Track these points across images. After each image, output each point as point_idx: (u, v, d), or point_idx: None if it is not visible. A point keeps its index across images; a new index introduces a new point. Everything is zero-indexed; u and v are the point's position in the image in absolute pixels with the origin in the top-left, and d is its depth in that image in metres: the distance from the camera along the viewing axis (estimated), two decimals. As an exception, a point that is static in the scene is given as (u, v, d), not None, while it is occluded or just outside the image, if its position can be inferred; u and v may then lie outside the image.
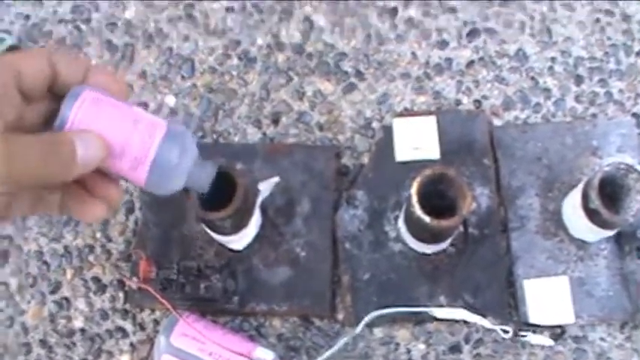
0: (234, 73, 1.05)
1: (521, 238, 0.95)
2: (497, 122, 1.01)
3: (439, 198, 0.86)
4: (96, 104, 0.57)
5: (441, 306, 0.91)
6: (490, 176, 0.97)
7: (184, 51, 1.07)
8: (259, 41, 1.07)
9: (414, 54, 1.05)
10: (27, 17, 1.10)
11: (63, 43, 1.08)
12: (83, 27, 1.09)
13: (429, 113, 1.00)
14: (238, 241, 0.92)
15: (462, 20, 1.07)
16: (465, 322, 0.91)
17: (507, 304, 0.93)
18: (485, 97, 1.03)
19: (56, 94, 0.58)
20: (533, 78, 1.04)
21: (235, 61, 1.06)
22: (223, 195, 0.83)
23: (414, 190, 0.84)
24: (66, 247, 0.98)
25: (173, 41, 1.07)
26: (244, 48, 1.07)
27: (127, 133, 0.57)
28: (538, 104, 1.02)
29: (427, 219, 0.83)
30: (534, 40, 1.06)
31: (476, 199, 0.95)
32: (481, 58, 1.05)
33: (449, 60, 1.05)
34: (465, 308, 0.90)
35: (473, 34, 1.06)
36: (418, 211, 0.84)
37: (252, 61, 1.06)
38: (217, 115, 1.03)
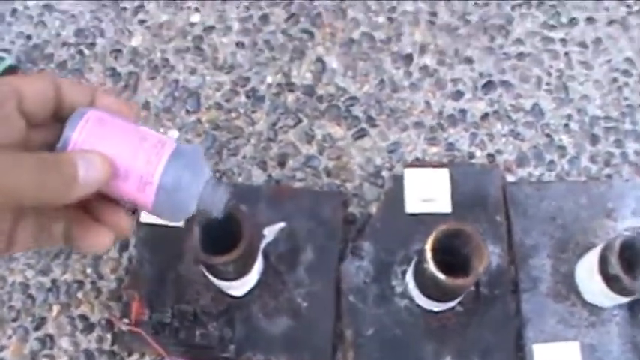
0: (242, 110, 1.00)
1: (532, 299, 0.91)
2: (510, 178, 0.97)
3: (451, 254, 0.81)
4: (100, 124, 0.52)
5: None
6: (502, 234, 0.93)
7: (190, 84, 1.02)
8: (269, 79, 1.03)
9: (427, 103, 1.01)
10: (28, 37, 1.06)
11: (64, 66, 1.04)
12: (87, 52, 1.04)
13: (442, 165, 0.96)
14: (239, 287, 0.87)
15: (478, 72, 1.03)
16: (472, 386, 0.86)
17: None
18: (499, 152, 0.99)
19: (62, 119, 0.54)
20: (548, 135, 1.00)
21: (243, 98, 1.01)
22: (226, 237, 0.78)
23: (428, 245, 0.80)
24: (54, 281, 0.92)
25: (179, 73, 1.03)
26: (253, 85, 1.02)
27: (132, 152, 0.53)
28: (552, 162, 0.98)
29: (442, 277, 0.79)
30: (551, 96, 1.02)
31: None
32: (496, 111, 1.01)
33: (463, 111, 1.01)
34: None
35: (488, 86, 1.02)
36: (432, 268, 0.79)
37: (260, 99, 1.01)
38: (221, 154, 0.98)
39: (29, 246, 0.56)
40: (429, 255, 0.79)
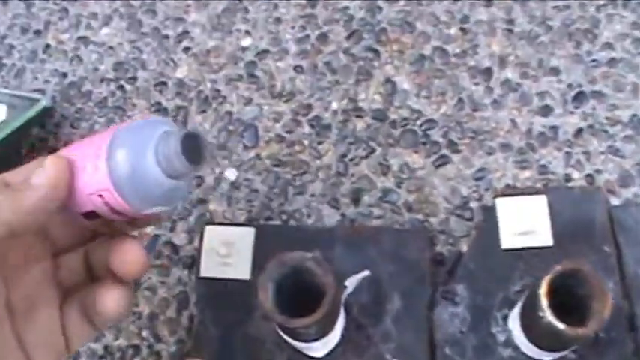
0: (306, 142, 0.88)
1: (653, 340, 0.78)
2: (613, 201, 0.84)
3: (562, 294, 0.68)
4: None
5: None
6: (612, 265, 0.80)
7: (246, 116, 0.90)
8: (334, 105, 0.90)
9: (513, 122, 0.88)
10: (64, 75, 0.95)
11: (104, 104, 0.92)
12: (128, 86, 0.93)
13: (537, 192, 0.83)
14: (320, 347, 0.74)
15: (566, 83, 0.90)
16: None
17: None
18: (598, 172, 0.86)
19: None
20: (652, 149, 0.87)
21: (306, 128, 0.89)
22: (301, 291, 0.66)
23: (543, 290, 0.67)
24: (106, 348, 0.81)
25: (233, 105, 0.91)
26: (317, 113, 0.90)
27: (86, 147, 0.51)
28: (660, 180, 0.86)
29: (561, 327, 0.66)
30: (650, 105, 0.89)
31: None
32: (590, 126, 0.88)
33: (554, 128, 0.88)
34: None
35: (579, 98, 0.89)
36: (549, 317, 0.66)
37: (326, 128, 0.89)
38: (287, 193, 0.86)
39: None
40: (544, 302, 0.67)
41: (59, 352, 0.55)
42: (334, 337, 0.74)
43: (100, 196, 0.49)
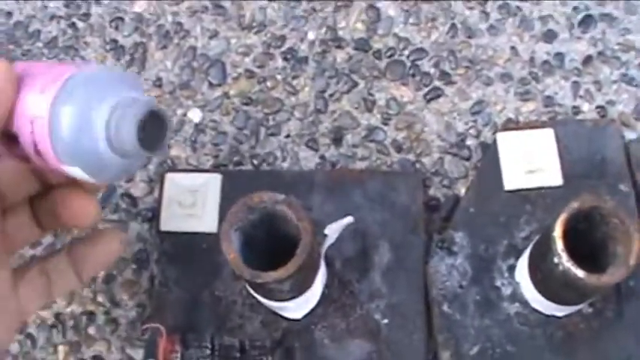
0: (279, 77, 0.75)
1: (680, 289, 0.65)
2: (629, 134, 0.71)
3: (577, 239, 0.56)
4: None
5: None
6: (631, 207, 0.67)
7: (212, 51, 0.76)
8: (310, 36, 0.76)
9: (514, 49, 0.75)
10: (8, 15, 0.80)
11: (55, 44, 0.78)
12: (80, 24, 0.79)
13: (543, 125, 0.70)
14: (297, 308, 0.62)
15: (572, 5, 0.76)
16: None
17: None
18: (611, 103, 0.73)
19: None
20: (670, 76, 0.74)
21: (280, 62, 0.75)
22: (275, 242, 0.54)
23: (557, 232, 0.54)
24: (57, 316, 0.68)
25: (197, 39, 0.77)
26: (291, 45, 0.76)
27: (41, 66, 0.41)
28: (681, 110, 0.72)
29: (581, 274, 0.53)
30: (667, 28, 0.76)
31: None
32: (601, 53, 0.75)
33: (559, 56, 0.74)
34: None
35: (587, 22, 0.76)
36: (566, 263, 0.53)
37: (302, 61, 0.75)
38: (258, 134, 0.72)
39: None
40: (559, 246, 0.54)
41: (12, 317, 0.46)
42: (314, 295, 0.62)
43: (32, 122, 0.39)
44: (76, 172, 0.40)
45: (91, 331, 0.67)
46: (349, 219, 0.61)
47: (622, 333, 0.63)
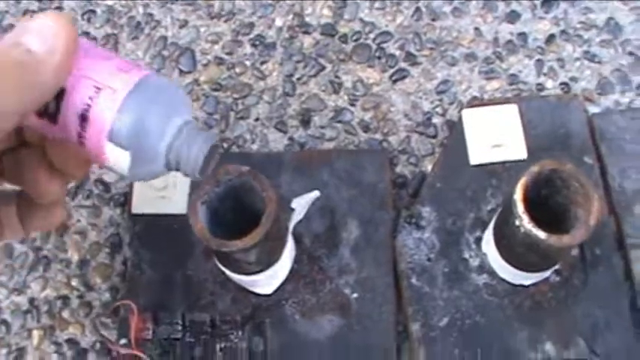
0: (248, 63, 0.74)
1: (645, 258, 0.65)
2: (592, 109, 0.71)
3: (539, 206, 0.55)
4: None
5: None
6: (595, 179, 0.67)
7: (182, 40, 0.76)
8: (278, 22, 0.76)
9: (478, 30, 0.75)
10: (-19, 11, 0.80)
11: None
12: (52, 18, 0.79)
13: (508, 101, 0.70)
14: (266, 283, 0.61)
15: (534, -14, 0.77)
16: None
17: (637, 349, 0.62)
18: (574, 79, 0.73)
19: None
20: (631, 53, 0.74)
21: (248, 48, 0.75)
22: (243, 218, 0.53)
23: (518, 195, 0.54)
24: (31, 301, 0.67)
25: (167, 29, 0.77)
26: (259, 32, 0.76)
27: (101, 57, 0.39)
28: (643, 85, 0.73)
29: (542, 235, 0.53)
30: (627, 7, 0.76)
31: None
32: (563, 31, 0.75)
33: (523, 35, 0.74)
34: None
35: (549, 2, 0.76)
36: (527, 225, 0.53)
37: (270, 47, 0.75)
38: (228, 119, 0.72)
39: None
40: (520, 208, 0.54)
41: None
42: (282, 269, 0.61)
43: (98, 89, 0.38)
44: (119, 156, 0.39)
45: (65, 314, 0.66)
46: (316, 193, 0.61)
47: (588, 300, 0.63)
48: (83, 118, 0.38)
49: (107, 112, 0.37)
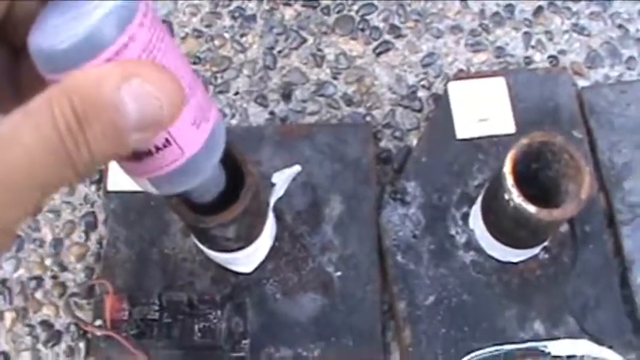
0: (227, 35, 0.71)
1: (634, 234, 0.62)
2: (581, 82, 0.69)
3: (528, 180, 0.53)
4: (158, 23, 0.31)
5: (557, 338, 0.57)
6: (584, 153, 0.64)
7: (158, 12, 0.73)
8: (258, -6, 0.73)
9: (464, 1, 0.72)
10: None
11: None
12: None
13: (495, 74, 0.67)
14: (246, 261, 0.58)
15: (520, -43, 0.74)
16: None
17: (628, 326, 0.60)
18: (562, 52, 0.70)
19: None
20: (621, 26, 0.71)
21: (227, 20, 0.72)
22: (221, 195, 0.50)
23: (507, 168, 0.52)
24: (4, 282, 0.64)
25: (143, 1, 0.74)
26: (239, 4, 0.73)
27: (191, 73, 0.35)
28: (632, 58, 0.70)
29: (532, 209, 0.51)
30: (616, -21, 0.74)
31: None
32: (551, 3, 0.72)
33: (510, 7, 0.72)
34: (589, 338, 0.57)
35: (537, -26, 0.73)
36: (517, 199, 0.51)
37: (250, 19, 0.72)
38: (207, 92, 0.69)
39: None
40: (510, 181, 0.51)
41: None
42: (263, 248, 0.59)
43: (167, 142, 0.34)
44: (151, 189, 0.38)
45: (39, 295, 0.63)
46: (297, 167, 0.58)
47: (578, 278, 0.60)
48: (140, 155, 0.35)
49: (165, 168, 0.35)
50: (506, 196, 0.51)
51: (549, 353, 0.57)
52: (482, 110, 0.65)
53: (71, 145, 0.26)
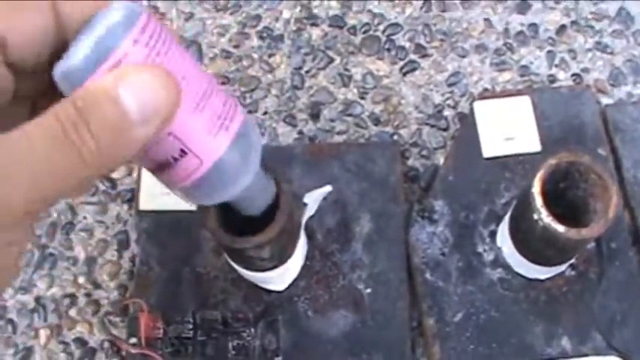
0: (255, 56, 0.73)
1: (660, 251, 0.64)
2: (605, 100, 0.70)
3: (557, 203, 0.54)
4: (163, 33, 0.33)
5: (584, 355, 0.59)
6: (609, 171, 0.66)
7: (188, 32, 0.75)
8: (285, 14, 0.75)
9: (488, 21, 0.74)
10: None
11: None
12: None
13: (520, 93, 0.68)
14: (279, 280, 0.60)
15: (544, -23, 0.76)
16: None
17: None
18: (585, 71, 0.72)
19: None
20: (643, 44, 0.73)
21: (256, 41, 0.74)
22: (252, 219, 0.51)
23: (536, 188, 0.53)
24: (38, 299, 0.66)
25: (172, 21, 0.76)
26: (266, 24, 0.75)
27: (206, 79, 0.36)
28: (655, 76, 0.71)
29: (561, 229, 0.52)
30: (638, -4, 0.75)
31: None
32: (574, 22, 0.74)
33: (534, 26, 0.73)
34: (617, 354, 0.58)
35: (560, -7, 0.75)
36: (546, 218, 0.52)
37: (277, 39, 0.74)
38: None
39: None
40: (539, 202, 0.53)
41: None
42: (295, 266, 0.60)
43: (183, 152, 0.35)
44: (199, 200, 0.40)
45: (73, 313, 0.65)
46: (328, 188, 0.60)
47: (604, 295, 0.62)
48: (162, 166, 0.36)
49: (188, 178, 0.36)
50: (535, 216, 0.53)
51: (579, 370, 0.58)
52: (507, 129, 0.66)
53: (72, 132, 0.28)
